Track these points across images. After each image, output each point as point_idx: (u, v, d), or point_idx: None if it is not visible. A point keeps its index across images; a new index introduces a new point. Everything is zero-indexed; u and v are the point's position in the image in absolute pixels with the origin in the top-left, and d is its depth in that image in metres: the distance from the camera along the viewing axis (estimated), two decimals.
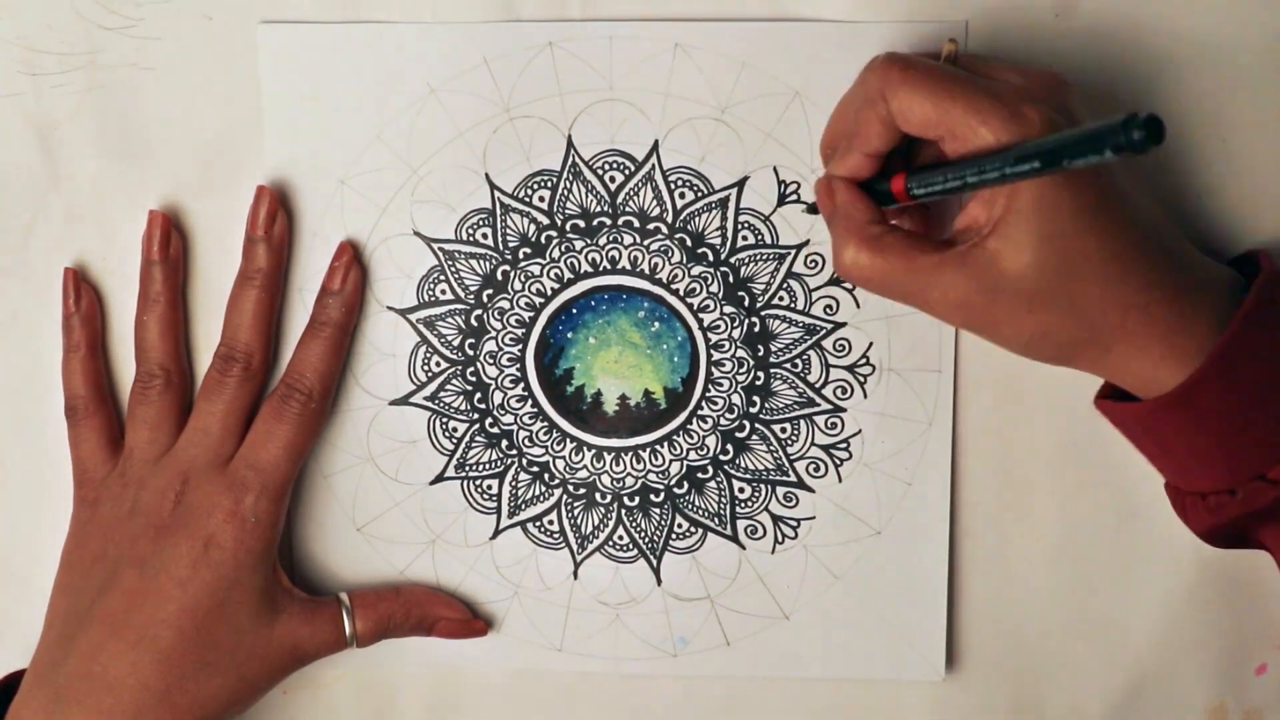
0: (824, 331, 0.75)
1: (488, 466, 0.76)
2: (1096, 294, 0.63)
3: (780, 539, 0.76)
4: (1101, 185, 0.63)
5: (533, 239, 0.74)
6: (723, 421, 0.75)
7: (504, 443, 0.76)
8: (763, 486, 0.76)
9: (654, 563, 0.77)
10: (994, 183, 0.60)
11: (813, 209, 0.73)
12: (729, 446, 0.76)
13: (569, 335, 0.75)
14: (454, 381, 0.75)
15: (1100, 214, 0.62)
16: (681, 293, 0.74)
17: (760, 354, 0.75)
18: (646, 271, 0.74)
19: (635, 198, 0.74)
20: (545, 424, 0.76)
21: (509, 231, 0.74)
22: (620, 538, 0.77)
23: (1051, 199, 0.62)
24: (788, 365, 0.75)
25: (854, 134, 0.67)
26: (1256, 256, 0.68)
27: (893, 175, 0.66)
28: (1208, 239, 0.73)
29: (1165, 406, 0.65)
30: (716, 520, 0.76)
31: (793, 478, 0.76)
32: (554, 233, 0.74)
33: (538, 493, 0.76)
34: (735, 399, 0.75)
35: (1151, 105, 0.72)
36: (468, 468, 0.76)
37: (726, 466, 0.76)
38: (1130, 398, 0.68)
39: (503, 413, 0.76)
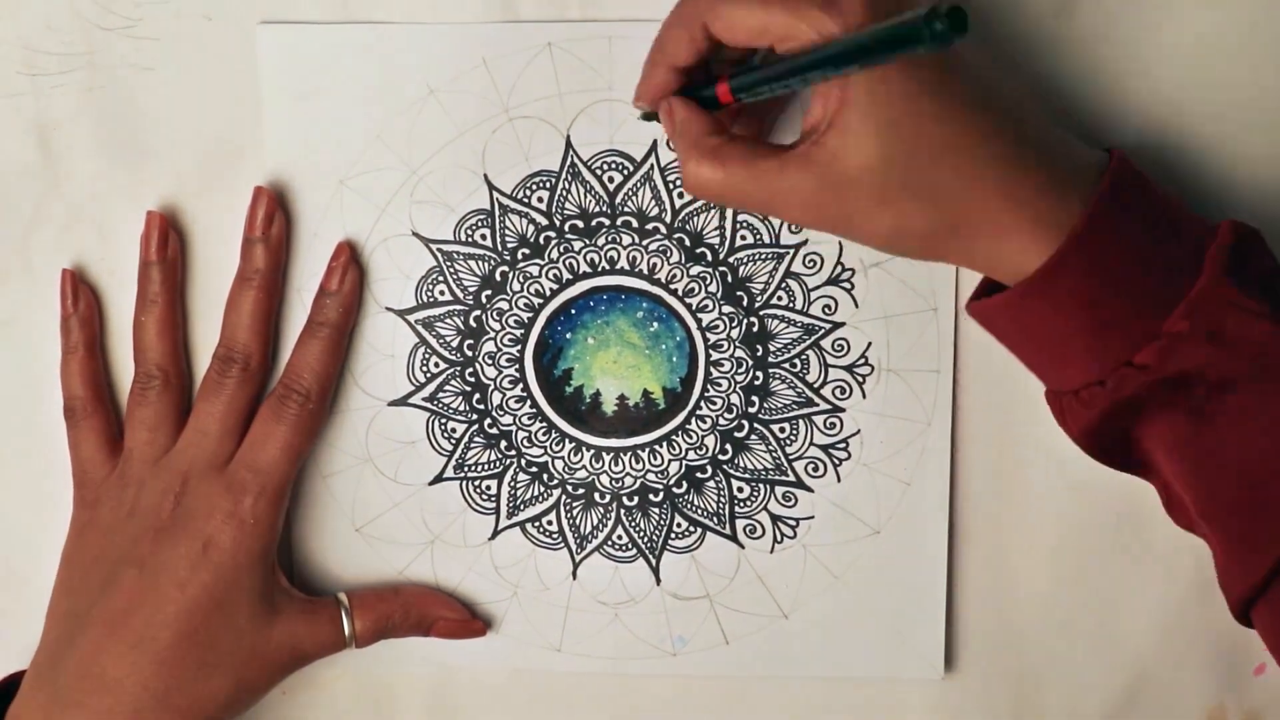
0: (823, 331, 0.75)
1: (486, 467, 0.76)
2: (950, 180, 0.62)
3: (779, 538, 0.76)
4: (941, 69, 0.61)
5: (531, 239, 0.74)
6: (721, 421, 0.76)
7: (503, 443, 0.76)
8: (762, 486, 0.76)
9: (653, 562, 0.77)
10: (816, 79, 0.59)
11: (647, 116, 0.71)
12: (728, 446, 0.76)
13: (568, 336, 0.75)
14: (453, 382, 0.75)
15: (942, 98, 0.61)
16: (680, 293, 0.74)
17: (759, 354, 0.75)
18: (645, 272, 0.74)
19: (634, 198, 0.74)
20: (544, 424, 0.76)
21: (508, 232, 0.74)
22: (619, 537, 0.77)
23: (884, 87, 0.60)
24: (786, 365, 0.75)
25: (658, 48, 0.66)
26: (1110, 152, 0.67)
27: (719, 79, 0.65)
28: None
29: (1028, 293, 0.64)
30: (715, 520, 0.76)
31: (791, 477, 0.76)
32: (553, 233, 0.74)
33: (536, 493, 0.76)
34: (734, 399, 0.75)
35: (1152, 105, 0.72)
36: (467, 468, 0.76)
37: (725, 466, 0.76)
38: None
39: (501, 413, 0.76)
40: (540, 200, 0.74)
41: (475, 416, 0.76)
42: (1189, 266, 0.63)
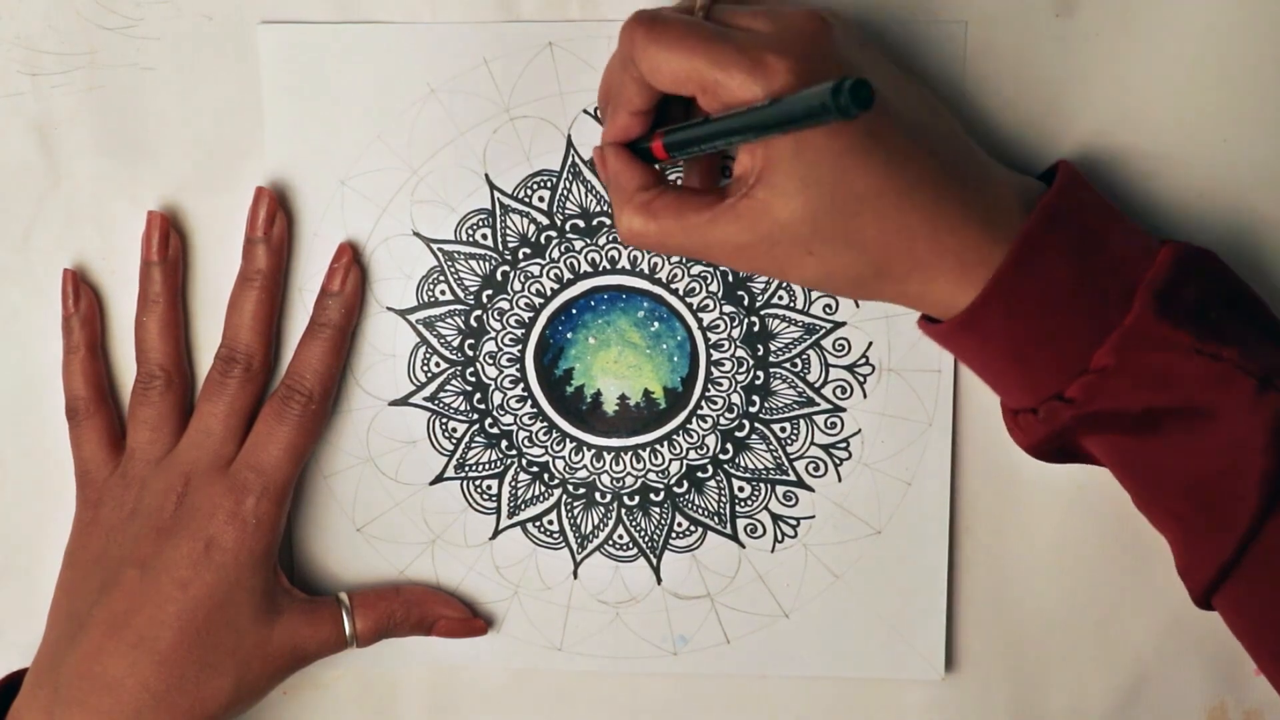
0: (823, 331, 0.75)
1: (487, 467, 0.76)
2: (875, 230, 0.63)
3: (780, 538, 0.76)
4: (865, 123, 0.62)
5: (532, 239, 0.74)
6: (722, 421, 0.76)
7: (504, 443, 0.76)
8: (762, 485, 0.76)
9: (654, 561, 0.77)
10: (741, 141, 0.60)
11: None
12: (729, 446, 0.76)
13: (569, 335, 0.75)
14: (454, 382, 0.75)
15: (865, 152, 0.62)
16: (681, 292, 0.74)
17: (760, 353, 0.75)
18: (646, 271, 0.74)
19: None
20: (545, 424, 0.76)
21: (509, 232, 0.74)
22: (620, 537, 0.77)
23: (810, 144, 0.61)
24: (787, 365, 0.75)
25: (615, 95, 0.66)
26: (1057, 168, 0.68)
27: (654, 135, 0.66)
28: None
29: (956, 329, 0.65)
30: (716, 519, 0.76)
31: (792, 477, 0.76)
32: (554, 233, 0.74)
33: (537, 493, 0.76)
34: (735, 398, 0.75)
35: (1152, 105, 0.72)
36: (467, 468, 0.76)
37: (726, 466, 0.76)
38: None
39: (502, 413, 0.76)
40: (541, 200, 0.74)
41: (476, 416, 0.76)
42: (1121, 299, 0.64)
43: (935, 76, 0.72)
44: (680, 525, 0.76)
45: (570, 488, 0.76)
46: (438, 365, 0.75)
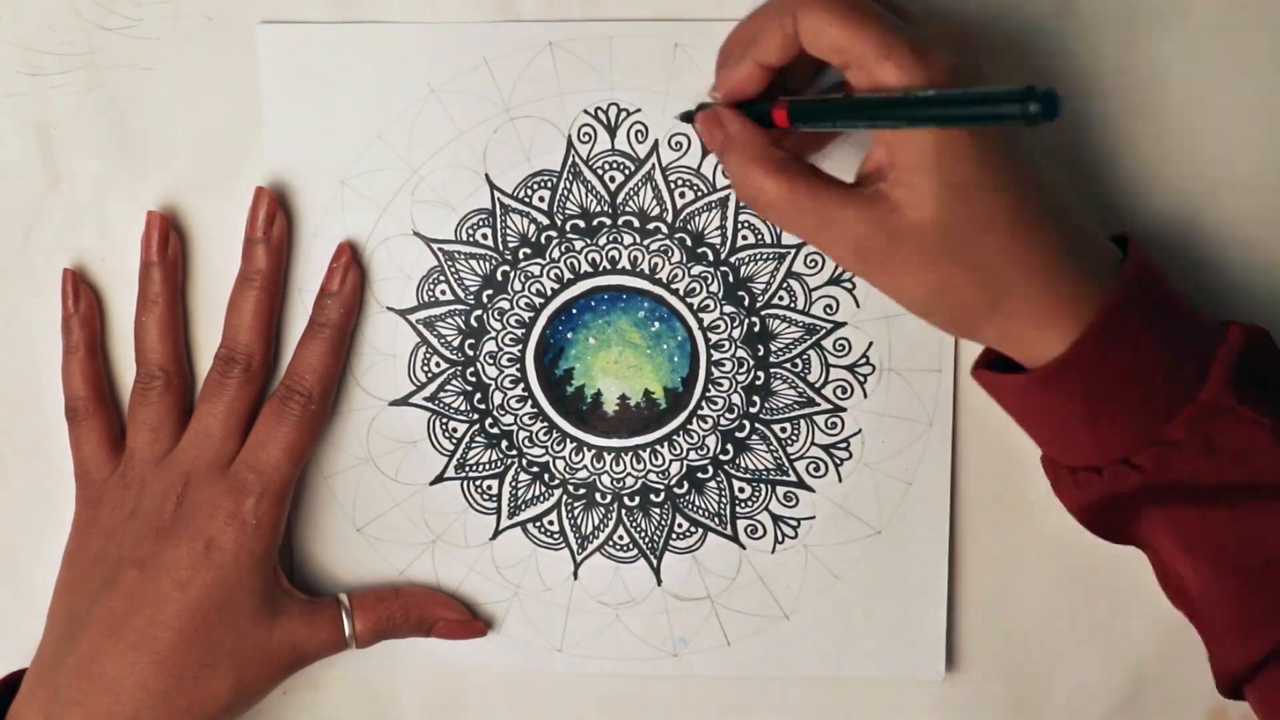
0: (824, 331, 0.75)
1: (488, 467, 0.76)
2: (999, 252, 0.62)
3: (780, 539, 0.76)
4: (1005, 142, 0.62)
5: (533, 239, 0.74)
6: (723, 421, 0.75)
7: (504, 443, 0.76)
8: (763, 486, 0.76)
9: (654, 563, 0.77)
10: (886, 126, 0.59)
11: (686, 116, 0.71)
12: (729, 446, 0.76)
13: (569, 335, 0.75)
14: (454, 382, 0.75)
15: (1005, 171, 0.61)
16: (681, 292, 0.74)
17: (760, 354, 0.75)
18: (646, 271, 0.74)
19: (635, 197, 0.74)
20: (545, 424, 0.76)
21: (509, 231, 0.74)
22: (620, 538, 0.77)
23: (953, 150, 0.60)
24: (788, 365, 0.75)
25: (752, 41, 0.65)
26: (1126, 240, 0.67)
27: (774, 102, 0.65)
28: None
29: (1036, 383, 0.65)
30: (717, 520, 0.76)
31: (793, 477, 0.76)
32: (554, 233, 0.74)
33: (538, 493, 0.76)
34: (735, 399, 0.75)
35: (1152, 106, 0.72)
36: (468, 468, 0.76)
37: (726, 466, 0.76)
38: (1004, 369, 0.67)
39: (503, 413, 0.76)
40: (541, 200, 0.74)
41: (476, 416, 0.76)
42: (1196, 372, 0.64)
43: None
44: (680, 526, 0.76)
45: (570, 488, 0.76)
46: (438, 365, 0.75)
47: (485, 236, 0.74)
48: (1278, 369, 0.66)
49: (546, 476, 0.76)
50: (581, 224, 0.74)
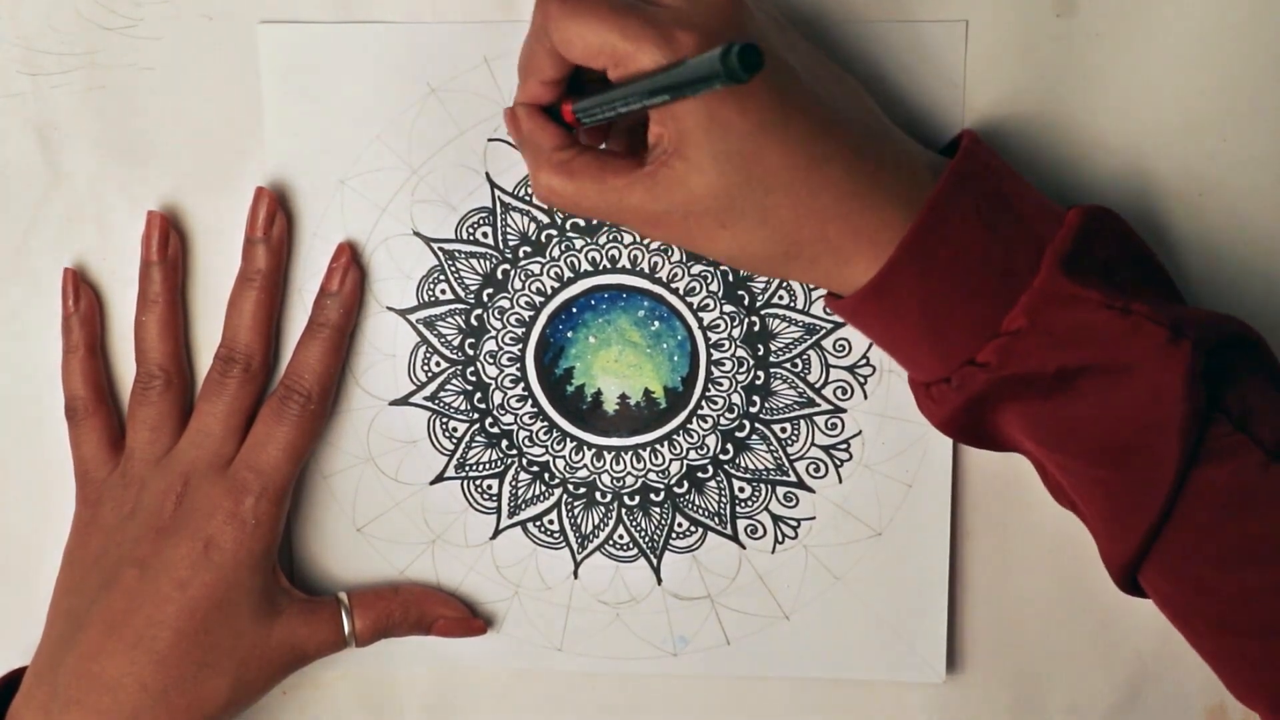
0: (824, 331, 0.74)
1: (488, 466, 0.76)
2: (787, 209, 0.63)
3: (780, 539, 0.76)
4: (777, 98, 0.62)
5: (533, 238, 0.74)
6: (723, 421, 0.75)
7: (504, 442, 0.76)
8: (763, 486, 0.76)
9: (654, 562, 0.77)
10: (638, 109, 0.60)
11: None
12: (729, 446, 0.76)
13: (569, 335, 0.75)
14: (454, 381, 0.75)
15: (779, 127, 0.62)
16: (681, 292, 0.74)
17: (760, 353, 0.75)
18: (646, 270, 0.74)
19: None
20: (545, 424, 0.76)
21: (509, 230, 0.74)
22: (620, 537, 0.77)
23: (722, 117, 0.61)
24: (788, 365, 0.75)
25: (525, 65, 0.67)
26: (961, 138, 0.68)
27: (565, 101, 0.66)
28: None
29: (863, 300, 0.65)
30: (717, 520, 0.76)
31: (793, 478, 0.76)
32: (554, 232, 0.74)
33: (538, 492, 0.76)
34: (735, 398, 0.75)
35: (1152, 105, 0.72)
36: (468, 468, 0.76)
37: (727, 466, 0.76)
38: None
39: (503, 412, 0.76)
40: None
41: (476, 416, 0.76)
42: (1030, 261, 0.64)
43: (935, 76, 0.72)
44: (680, 525, 0.76)
45: (570, 487, 0.76)
46: (438, 365, 0.75)
47: (485, 235, 0.74)
48: (1122, 247, 0.66)
49: (546, 476, 0.76)
50: (582, 223, 0.74)
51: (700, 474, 0.76)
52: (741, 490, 0.76)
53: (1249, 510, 0.62)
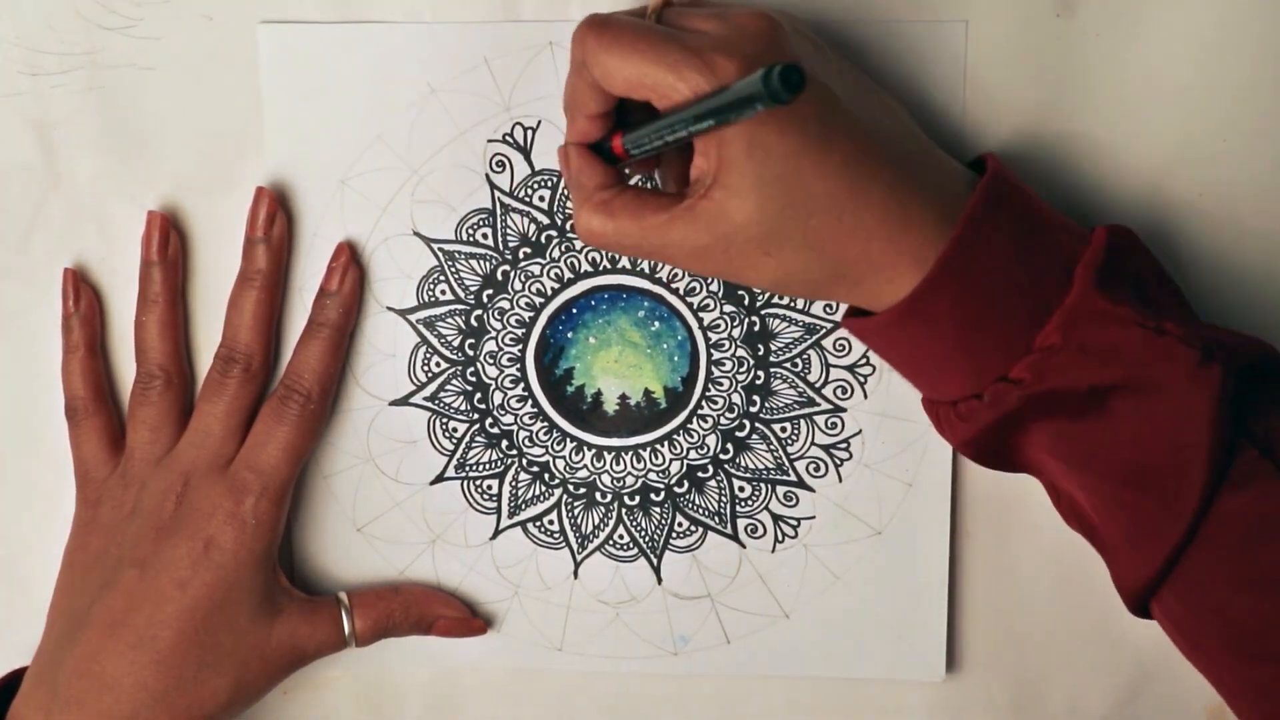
0: (824, 331, 0.74)
1: (488, 466, 0.76)
2: (831, 231, 0.63)
3: (780, 538, 0.76)
4: (817, 121, 0.62)
5: (533, 239, 0.74)
6: (723, 421, 0.75)
7: (504, 443, 0.76)
8: (763, 486, 0.76)
9: (654, 561, 0.77)
10: (685, 138, 0.60)
11: None
12: (729, 446, 0.76)
13: (569, 335, 0.75)
14: (454, 382, 0.75)
15: (819, 151, 0.62)
16: (681, 292, 0.74)
17: (760, 353, 0.75)
18: (646, 271, 0.74)
19: None
20: (545, 424, 0.76)
21: (509, 231, 0.74)
22: (620, 537, 0.77)
23: (763, 143, 0.61)
24: (788, 364, 0.75)
25: (570, 101, 0.67)
26: (985, 160, 0.68)
27: (614, 134, 0.66)
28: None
29: (900, 316, 0.65)
30: (717, 519, 0.76)
31: (793, 477, 0.76)
32: (554, 232, 0.74)
33: (538, 493, 0.76)
34: (735, 398, 0.75)
35: (1152, 105, 0.72)
36: (468, 468, 0.76)
37: (727, 465, 0.76)
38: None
39: (503, 413, 0.76)
40: (542, 199, 0.74)
41: (476, 416, 0.76)
42: (1061, 278, 0.64)
43: (935, 76, 0.72)
44: (681, 525, 0.76)
45: (571, 488, 0.76)
46: (438, 365, 0.75)
47: (485, 236, 0.74)
48: (1146, 267, 0.66)
49: (546, 476, 0.76)
50: None
51: (700, 473, 0.76)
52: (742, 490, 0.76)
53: (1270, 537, 0.62)
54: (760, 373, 0.75)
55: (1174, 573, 0.64)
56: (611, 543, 0.77)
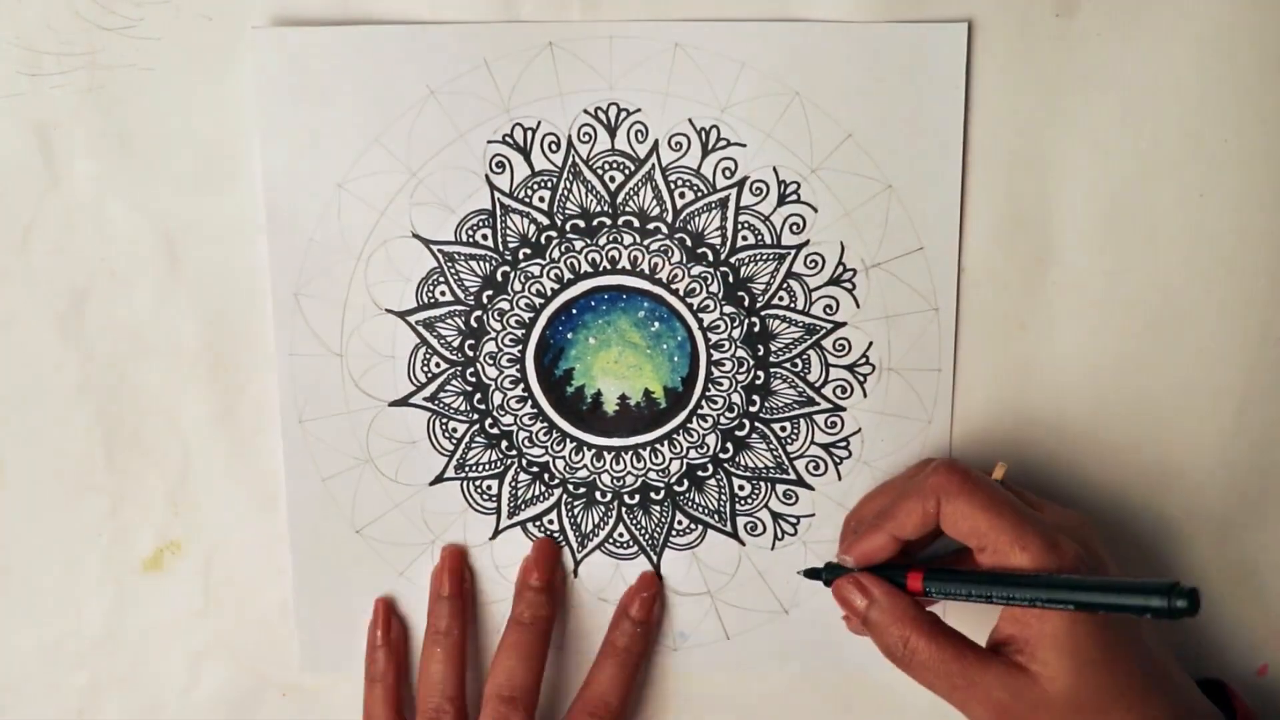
0: (824, 331, 0.75)
1: (487, 467, 0.76)
2: (1125, 717, 0.66)
3: (780, 536, 0.77)
4: (1131, 619, 0.65)
5: (533, 239, 0.74)
6: (723, 420, 0.76)
7: (504, 443, 0.76)
8: (763, 484, 0.76)
9: (654, 559, 0.77)
10: (1022, 604, 0.64)
11: (812, 574, 0.73)
12: (729, 445, 0.76)
13: (569, 336, 0.75)
14: (454, 382, 0.75)
15: (1127, 644, 0.66)
16: (681, 293, 0.74)
17: (760, 353, 0.75)
18: (646, 271, 0.74)
19: (635, 198, 0.73)
20: (545, 424, 0.76)
21: (509, 232, 0.74)
22: (620, 535, 0.77)
23: (1086, 629, 0.64)
24: (788, 364, 0.75)
25: (888, 515, 0.69)
26: (1223, 687, 0.72)
27: (908, 567, 0.69)
28: None
29: None
30: (716, 517, 0.77)
31: (792, 476, 0.76)
32: (554, 233, 0.74)
33: (537, 493, 0.76)
34: (735, 398, 0.75)
35: (1152, 106, 0.72)
36: (467, 468, 0.76)
37: (726, 464, 0.76)
38: None
39: (502, 413, 0.76)
40: (541, 200, 0.74)
41: (476, 416, 0.76)
42: None
43: (935, 76, 0.71)
44: (680, 523, 0.77)
45: (570, 487, 0.76)
46: (438, 366, 0.75)
47: (485, 237, 0.74)
48: None
49: (546, 476, 0.76)
50: (581, 224, 0.74)
51: (700, 472, 0.76)
52: (741, 488, 0.76)
53: None
54: (760, 373, 0.75)
55: None
56: (611, 541, 0.77)
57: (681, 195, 0.73)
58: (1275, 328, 0.74)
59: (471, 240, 0.74)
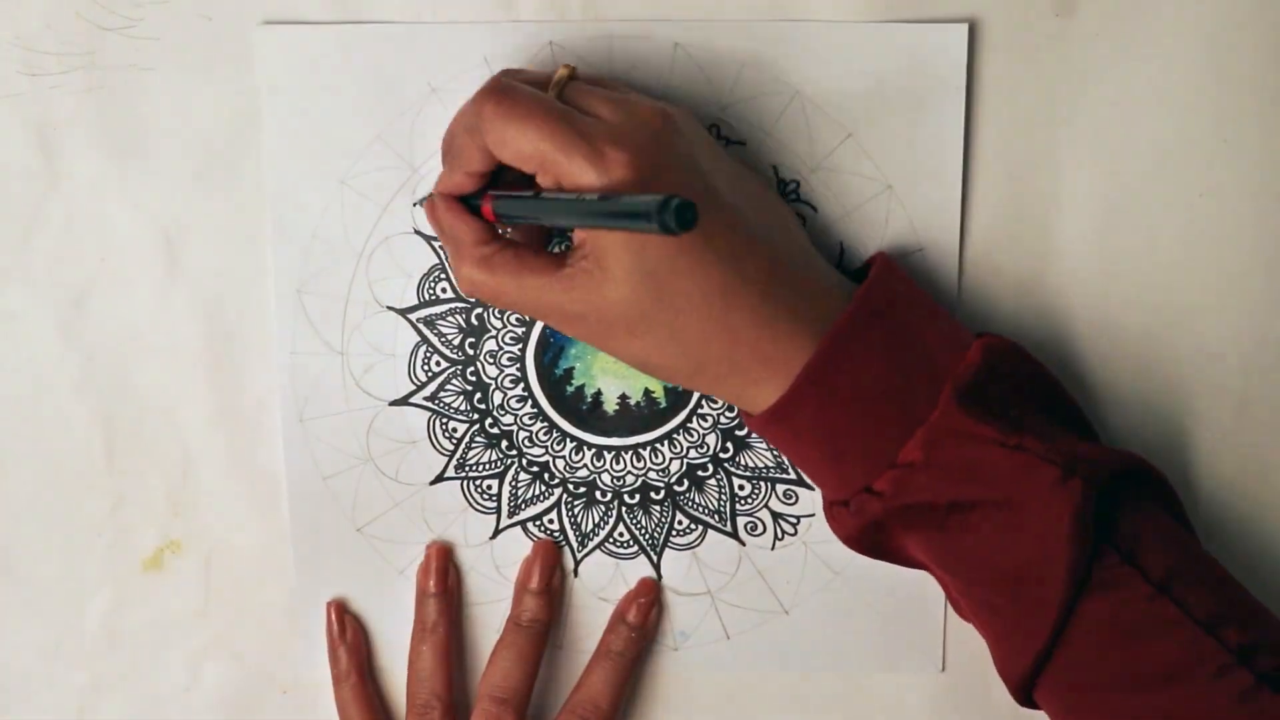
0: None
1: (488, 466, 0.76)
2: (698, 329, 0.64)
3: (780, 535, 0.77)
4: (700, 222, 0.63)
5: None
6: (723, 420, 0.76)
7: (504, 443, 0.76)
8: (763, 484, 0.76)
9: (654, 558, 0.77)
10: (562, 225, 0.63)
11: (420, 203, 0.73)
12: (729, 444, 0.76)
13: None
14: (454, 381, 0.75)
15: (697, 252, 0.63)
16: None
17: None
18: None
19: None
20: (545, 424, 0.76)
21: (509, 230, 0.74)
22: (620, 534, 0.77)
23: (642, 238, 0.63)
24: None
25: (456, 152, 0.67)
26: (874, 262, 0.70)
27: (484, 195, 0.67)
28: None
29: (766, 423, 0.67)
30: (716, 517, 0.77)
31: (793, 475, 0.76)
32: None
33: (538, 492, 0.76)
34: None
35: (1152, 106, 0.72)
36: (468, 468, 0.76)
37: (727, 464, 0.76)
38: None
39: (503, 413, 0.76)
40: None
41: (476, 416, 0.76)
42: (930, 394, 0.65)
43: (935, 76, 0.72)
44: (681, 523, 0.77)
45: (570, 487, 0.76)
46: (438, 364, 0.75)
47: None
48: (1022, 385, 0.67)
49: (546, 476, 0.76)
50: None
51: (700, 472, 0.76)
52: (741, 488, 0.76)
53: (1133, 640, 0.64)
54: None
55: (1046, 671, 0.66)
56: (611, 540, 0.77)
57: None
58: (1275, 328, 0.74)
59: None
